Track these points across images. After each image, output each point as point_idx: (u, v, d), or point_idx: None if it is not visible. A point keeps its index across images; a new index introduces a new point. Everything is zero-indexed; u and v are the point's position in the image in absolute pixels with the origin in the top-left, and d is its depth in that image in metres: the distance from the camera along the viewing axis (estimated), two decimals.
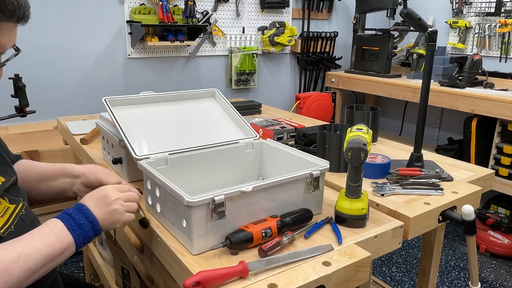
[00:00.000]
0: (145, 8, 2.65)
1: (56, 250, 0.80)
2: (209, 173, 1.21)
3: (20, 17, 0.86)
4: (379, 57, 3.17)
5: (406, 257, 2.66)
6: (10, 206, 0.92)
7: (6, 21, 0.83)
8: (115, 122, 1.18)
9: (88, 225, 0.85)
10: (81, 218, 0.85)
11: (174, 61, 2.96)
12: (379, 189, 1.22)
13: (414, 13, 1.30)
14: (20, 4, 0.84)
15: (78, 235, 0.84)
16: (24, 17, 0.87)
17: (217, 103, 1.43)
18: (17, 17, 0.85)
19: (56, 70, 2.54)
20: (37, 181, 1.10)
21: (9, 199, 0.93)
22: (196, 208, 0.86)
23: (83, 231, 0.84)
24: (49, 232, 0.82)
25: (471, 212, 1.09)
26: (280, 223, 0.95)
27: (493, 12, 2.93)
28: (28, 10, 0.87)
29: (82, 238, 0.84)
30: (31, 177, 1.10)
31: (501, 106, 2.37)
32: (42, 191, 1.11)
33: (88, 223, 0.85)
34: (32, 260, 0.77)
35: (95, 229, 0.86)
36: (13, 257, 0.75)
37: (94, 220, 0.86)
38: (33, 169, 1.12)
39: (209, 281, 0.78)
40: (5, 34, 0.85)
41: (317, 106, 3.35)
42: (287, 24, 3.25)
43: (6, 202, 0.92)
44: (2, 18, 0.82)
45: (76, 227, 0.84)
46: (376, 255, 1.01)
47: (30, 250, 0.78)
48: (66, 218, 0.85)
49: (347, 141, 1.01)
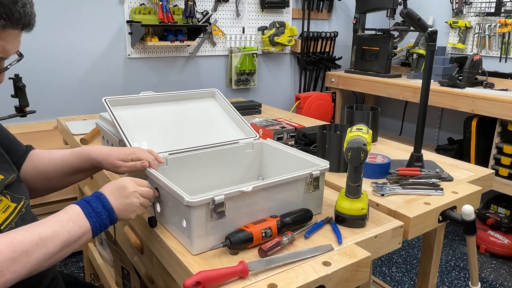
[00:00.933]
0: (145, 8, 2.65)
1: (74, 235, 0.83)
2: (209, 173, 1.21)
3: (25, 25, 0.88)
4: (379, 57, 3.17)
5: (406, 257, 2.66)
6: (11, 205, 0.93)
7: (12, 28, 0.85)
8: (115, 122, 1.18)
9: (105, 213, 0.87)
10: (99, 206, 0.87)
11: (174, 61, 2.96)
12: (379, 189, 1.22)
13: (414, 13, 1.30)
14: (26, 13, 0.87)
15: (95, 222, 0.85)
16: (30, 25, 0.89)
17: (217, 103, 1.43)
18: (23, 25, 0.88)
19: (56, 70, 2.54)
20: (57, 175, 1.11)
21: (11, 197, 0.94)
22: (196, 208, 0.86)
23: (100, 218, 0.86)
24: (68, 218, 0.84)
25: (471, 212, 1.09)
26: (280, 223, 0.95)
27: (493, 12, 2.92)
28: (33, 19, 0.90)
29: (98, 225, 0.86)
30: (50, 172, 1.11)
31: (501, 106, 2.37)
32: (66, 182, 1.14)
33: (105, 211, 0.87)
34: (51, 244, 0.79)
35: (111, 217, 0.88)
36: (34, 239, 0.78)
37: (111, 209, 0.88)
38: (52, 162, 1.11)
39: (209, 281, 0.78)
40: (10, 41, 0.87)
41: (317, 106, 3.35)
42: (287, 24, 3.25)
43: (8, 200, 0.93)
44: (8, 25, 0.84)
45: (93, 214, 0.86)
46: (376, 255, 1.01)
47: (50, 234, 0.80)
48: (84, 205, 0.87)
49: (347, 141, 1.01)
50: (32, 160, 1.12)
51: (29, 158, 1.12)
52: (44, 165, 1.11)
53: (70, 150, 1.12)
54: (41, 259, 0.78)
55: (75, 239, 0.83)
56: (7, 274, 0.73)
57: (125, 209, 0.90)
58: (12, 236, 0.77)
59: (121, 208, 0.90)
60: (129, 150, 1.06)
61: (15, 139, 1.12)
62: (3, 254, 0.73)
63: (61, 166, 1.10)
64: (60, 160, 1.11)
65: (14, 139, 1.11)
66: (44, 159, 1.12)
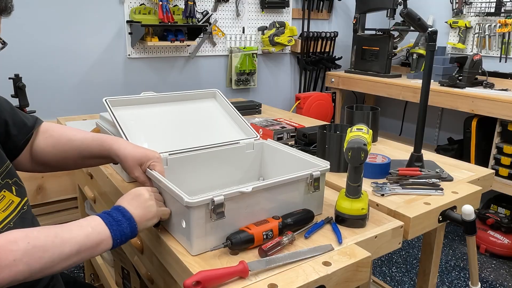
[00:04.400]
0: (145, 8, 2.65)
1: (91, 240, 0.81)
2: (210, 173, 1.21)
3: (2, 9, 0.85)
4: (379, 57, 3.17)
5: (406, 257, 2.66)
6: (15, 200, 0.92)
7: None
8: (116, 123, 1.18)
9: (125, 222, 0.87)
10: (119, 216, 0.87)
11: (174, 61, 2.96)
12: (379, 189, 1.22)
13: (414, 13, 1.30)
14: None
15: (115, 230, 0.85)
16: (7, 9, 0.86)
17: (218, 103, 1.42)
18: None
19: (56, 70, 2.54)
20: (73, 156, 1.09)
21: (16, 191, 0.93)
22: (195, 208, 0.86)
23: (121, 227, 0.86)
24: (87, 224, 0.83)
25: (471, 212, 1.09)
26: (281, 225, 0.95)
27: (493, 12, 2.92)
28: (10, 2, 0.86)
29: (119, 234, 0.85)
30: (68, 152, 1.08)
31: (501, 106, 2.37)
32: (80, 164, 1.14)
33: (125, 220, 0.87)
34: (68, 244, 0.78)
35: (132, 226, 0.88)
36: (50, 236, 0.77)
37: (131, 217, 0.88)
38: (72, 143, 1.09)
39: (209, 281, 0.78)
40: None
41: (317, 106, 3.35)
42: (287, 24, 3.25)
43: (12, 194, 0.92)
44: None
45: (114, 223, 0.85)
46: (376, 255, 1.01)
47: (68, 235, 0.79)
48: (104, 216, 0.86)
49: (347, 141, 1.01)
50: (47, 135, 1.09)
51: (42, 132, 1.09)
52: (64, 144, 1.08)
53: (92, 135, 1.10)
54: (55, 258, 0.76)
55: (93, 245, 0.82)
56: (19, 265, 0.72)
57: (145, 214, 0.90)
58: (28, 230, 0.77)
59: (141, 214, 0.90)
60: (152, 155, 1.03)
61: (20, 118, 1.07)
62: (17, 245, 0.73)
63: (80, 149, 1.08)
64: (80, 142, 1.08)
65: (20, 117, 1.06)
66: (62, 138, 1.09)
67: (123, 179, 1.29)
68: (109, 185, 1.32)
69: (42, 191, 2.36)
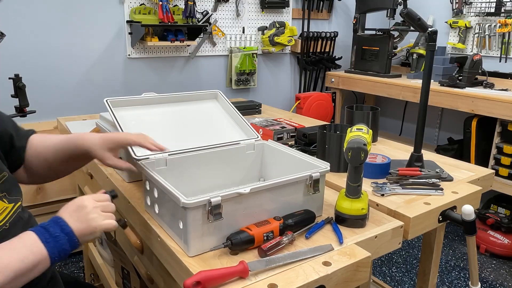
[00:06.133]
0: (145, 8, 2.65)
1: (28, 264, 0.77)
2: (210, 174, 1.21)
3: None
4: (379, 57, 3.17)
5: (406, 257, 2.66)
6: (8, 206, 0.92)
7: None
8: (116, 123, 1.18)
9: (64, 237, 0.82)
10: (57, 230, 0.82)
11: (174, 61, 2.96)
12: (379, 189, 1.22)
13: (414, 13, 1.30)
14: None
15: (52, 248, 0.80)
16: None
17: (219, 104, 1.42)
18: None
19: (56, 70, 2.54)
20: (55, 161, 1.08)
21: (8, 199, 0.93)
22: (192, 209, 0.85)
23: (58, 243, 0.81)
24: (22, 245, 0.78)
25: (471, 212, 1.09)
26: (282, 226, 0.95)
27: (493, 12, 2.92)
28: None
29: (56, 251, 0.81)
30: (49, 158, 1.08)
31: (501, 106, 2.37)
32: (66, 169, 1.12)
33: (64, 235, 0.82)
34: (2, 274, 0.74)
35: (72, 241, 0.83)
36: None
37: (70, 232, 0.83)
38: (49, 148, 1.09)
39: (209, 281, 0.78)
40: None
41: (317, 106, 3.35)
42: (287, 24, 3.25)
43: (5, 203, 0.92)
44: None
45: (50, 240, 0.80)
46: (376, 255, 1.01)
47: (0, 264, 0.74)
48: (41, 231, 0.81)
49: (347, 141, 1.01)
50: (32, 145, 1.09)
51: (30, 144, 1.09)
52: (42, 152, 1.08)
53: (64, 137, 1.09)
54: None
55: (30, 268, 0.77)
56: None
57: (86, 228, 0.85)
58: None
59: (81, 228, 0.84)
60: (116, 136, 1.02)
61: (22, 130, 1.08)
62: None
63: (57, 153, 1.07)
64: (53, 147, 1.08)
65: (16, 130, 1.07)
66: (39, 146, 1.09)
67: (123, 179, 1.29)
68: (109, 185, 1.32)
69: (42, 191, 2.36)
